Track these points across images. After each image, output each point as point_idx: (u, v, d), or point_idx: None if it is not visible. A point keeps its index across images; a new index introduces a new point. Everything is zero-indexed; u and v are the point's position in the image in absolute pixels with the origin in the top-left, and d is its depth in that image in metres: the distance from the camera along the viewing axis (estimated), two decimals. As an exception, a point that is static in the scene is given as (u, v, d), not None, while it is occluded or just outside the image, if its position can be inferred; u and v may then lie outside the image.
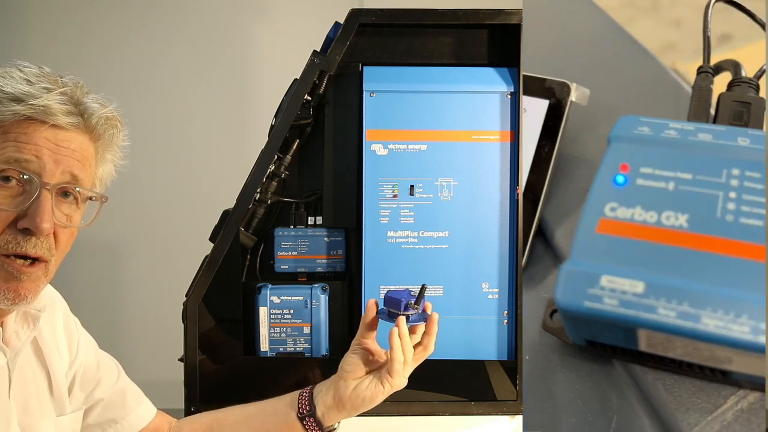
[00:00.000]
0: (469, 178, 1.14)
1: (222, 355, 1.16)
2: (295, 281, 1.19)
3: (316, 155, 1.19)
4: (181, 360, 1.15)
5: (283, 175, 1.18)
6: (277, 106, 1.16)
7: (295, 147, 1.18)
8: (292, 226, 1.20)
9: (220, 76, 1.93)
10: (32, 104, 0.72)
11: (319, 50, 1.14)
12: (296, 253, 1.19)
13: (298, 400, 0.92)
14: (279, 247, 1.18)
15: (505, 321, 1.14)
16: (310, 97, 1.15)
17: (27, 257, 0.73)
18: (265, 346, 1.16)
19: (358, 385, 0.90)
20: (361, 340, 0.91)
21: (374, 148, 1.14)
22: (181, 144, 1.93)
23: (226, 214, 1.15)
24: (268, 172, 1.17)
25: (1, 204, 0.71)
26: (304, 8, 1.93)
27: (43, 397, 0.84)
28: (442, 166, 1.14)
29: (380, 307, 0.91)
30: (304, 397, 0.92)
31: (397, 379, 0.89)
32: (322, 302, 1.17)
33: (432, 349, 0.91)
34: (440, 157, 1.14)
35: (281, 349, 1.17)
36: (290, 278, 1.19)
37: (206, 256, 1.15)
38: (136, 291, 1.94)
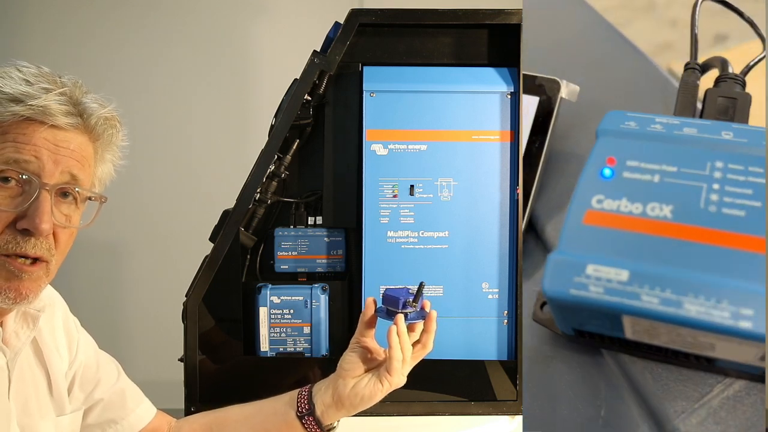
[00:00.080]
0: (469, 178, 1.14)
1: (222, 355, 1.16)
2: (295, 281, 1.19)
3: (316, 155, 1.19)
4: (181, 360, 1.15)
5: (283, 175, 1.18)
6: (277, 106, 1.16)
7: (295, 147, 1.18)
8: (292, 226, 1.20)
9: (220, 76, 1.93)
10: (31, 105, 0.72)
11: (319, 50, 1.14)
12: (296, 253, 1.19)
13: (297, 398, 0.92)
14: (279, 247, 1.18)
15: (505, 321, 1.14)
16: (310, 97, 1.15)
17: (27, 257, 0.73)
18: (265, 346, 1.16)
19: (357, 383, 0.90)
20: (360, 339, 0.91)
21: (374, 148, 1.14)
22: (181, 144, 1.93)
23: (226, 214, 1.15)
24: (268, 172, 1.17)
25: (0, 205, 0.71)
26: (304, 8, 1.93)
27: (43, 397, 0.84)
28: (442, 166, 1.14)
29: (378, 305, 0.91)
30: (303, 396, 0.92)
31: (396, 377, 0.89)
32: (322, 302, 1.17)
33: (431, 347, 0.91)
34: (440, 157, 1.14)
35: (281, 349, 1.17)
36: (290, 278, 1.19)
37: (206, 256, 1.15)
38: (136, 291, 1.94)
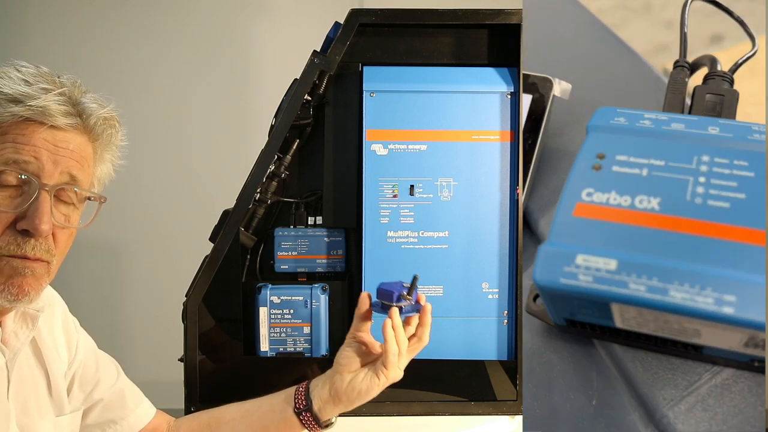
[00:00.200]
0: (469, 178, 1.14)
1: (222, 355, 1.16)
2: (295, 281, 1.19)
3: (316, 155, 1.19)
4: (181, 360, 1.15)
5: (283, 175, 1.18)
6: (277, 106, 1.16)
7: (295, 147, 1.18)
8: (292, 226, 1.20)
9: (220, 76, 1.93)
10: (30, 105, 0.71)
11: (319, 50, 1.14)
12: (296, 253, 1.19)
13: (295, 395, 0.92)
14: (279, 247, 1.18)
15: (505, 321, 1.14)
16: (310, 97, 1.15)
17: (27, 259, 0.73)
18: (265, 346, 1.16)
19: (354, 378, 0.90)
20: (356, 333, 0.91)
21: (374, 148, 1.14)
22: (181, 144, 1.92)
23: (226, 214, 1.15)
24: (268, 172, 1.17)
25: (0, 205, 0.71)
26: (304, 8, 1.93)
27: (42, 397, 0.84)
28: (442, 166, 1.14)
29: (373, 299, 0.91)
30: (300, 393, 0.92)
31: (392, 371, 0.88)
32: (322, 302, 1.17)
33: (427, 340, 0.91)
34: (440, 157, 1.14)
35: (281, 349, 1.17)
36: (290, 278, 1.19)
37: (206, 256, 1.15)
38: (136, 291, 1.94)
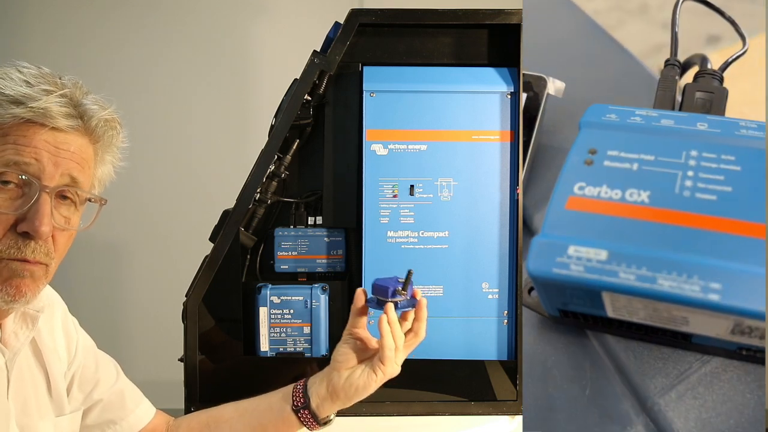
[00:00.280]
0: (469, 178, 1.14)
1: (222, 355, 1.16)
2: (295, 281, 1.19)
3: (316, 155, 1.19)
4: (181, 360, 1.15)
5: (283, 175, 1.18)
6: (277, 106, 1.16)
7: (295, 147, 1.18)
8: (292, 226, 1.20)
9: (220, 76, 1.93)
10: (32, 107, 0.71)
11: (319, 50, 1.14)
12: (296, 253, 1.19)
13: (292, 393, 0.92)
14: (279, 247, 1.18)
15: (505, 321, 1.14)
16: (310, 97, 1.15)
17: (26, 262, 0.73)
18: (265, 346, 1.16)
19: (351, 374, 0.90)
20: (352, 330, 0.91)
21: (374, 148, 1.14)
22: (181, 144, 1.92)
23: (226, 214, 1.15)
24: (268, 172, 1.17)
25: (0, 207, 0.71)
26: (304, 8, 1.93)
27: (42, 397, 0.84)
28: (442, 166, 1.14)
29: (369, 295, 0.91)
30: (298, 390, 0.92)
31: (389, 366, 0.88)
32: (322, 302, 1.17)
33: (423, 335, 0.90)
34: (440, 157, 1.14)
35: (281, 349, 1.17)
36: (290, 278, 1.19)
37: (206, 256, 1.15)
38: (136, 291, 1.94)
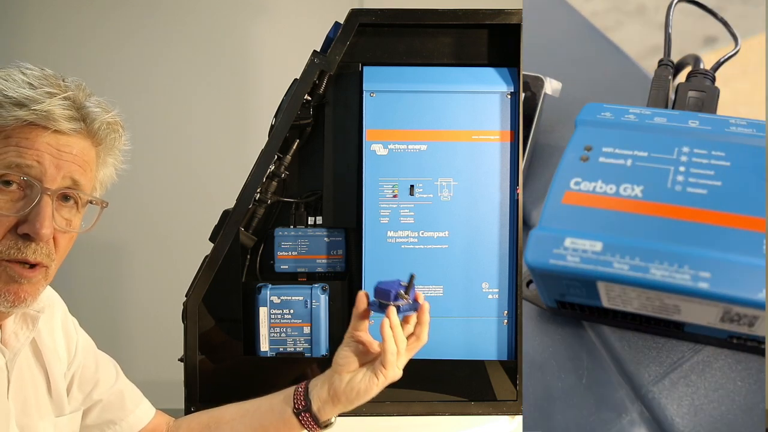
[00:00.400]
0: (469, 178, 1.14)
1: (222, 355, 1.16)
2: (295, 281, 1.19)
3: (316, 155, 1.19)
4: (181, 360, 1.15)
5: (283, 175, 1.18)
6: (277, 106, 1.16)
7: (295, 147, 1.18)
8: (292, 226, 1.20)
9: (220, 76, 1.93)
10: (35, 110, 0.71)
11: (319, 50, 1.14)
12: (296, 253, 1.19)
13: (294, 395, 0.92)
14: (279, 247, 1.18)
15: (505, 321, 1.14)
16: (310, 97, 1.15)
17: (27, 263, 0.73)
18: (265, 346, 1.16)
19: (353, 378, 0.90)
20: (354, 333, 0.91)
21: (374, 148, 1.14)
22: (181, 144, 1.93)
23: (226, 214, 1.15)
24: (268, 172, 1.17)
25: (1, 209, 0.71)
26: (304, 8, 1.93)
27: (42, 397, 0.84)
28: (442, 166, 1.14)
29: (371, 298, 0.91)
30: (299, 393, 0.92)
31: (391, 370, 0.88)
32: (322, 302, 1.17)
33: (425, 339, 0.90)
34: (440, 157, 1.14)
35: (281, 349, 1.17)
36: (290, 278, 1.19)
37: (206, 256, 1.15)
38: (136, 291, 1.94)
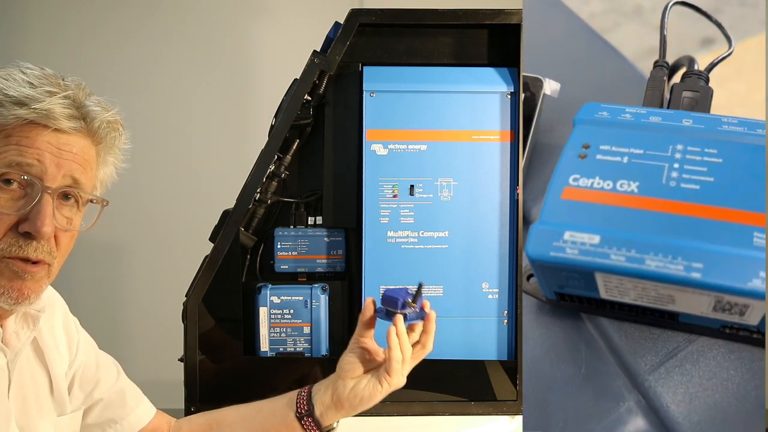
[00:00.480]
0: (469, 178, 1.14)
1: (222, 355, 1.16)
2: (295, 281, 1.19)
3: (316, 155, 1.19)
4: (181, 360, 1.15)
5: (283, 175, 1.18)
6: (277, 106, 1.16)
7: (295, 147, 1.18)
8: (292, 226, 1.20)
9: (220, 76, 1.93)
10: (35, 108, 0.71)
11: (319, 50, 1.14)
12: (296, 253, 1.19)
13: (296, 399, 0.92)
14: (279, 247, 1.18)
15: (505, 321, 1.14)
16: (310, 97, 1.15)
17: (29, 260, 0.73)
18: (265, 346, 1.16)
19: (357, 384, 0.90)
20: (359, 339, 0.91)
21: (374, 148, 1.14)
22: (181, 144, 1.93)
23: (226, 214, 1.15)
24: (268, 172, 1.17)
25: (2, 207, 0.71)
26: (304, 8, 1.93)
27: (44, 397, 0.84)
28: (442, 166, 1.14)
29: (378, 305, 0.91)
30: (302, 397, 0.92)
31: (396, 378, 0.88)
32: (322, 302, 1.17)
33: (430, 348, 0.91)
34: (440, 157, 1.14)
35: (281, 349, 1.17)
36: (290, 278, 1.19)
37: (206, 256, 1.15)
38: (136, 291, 1.94)
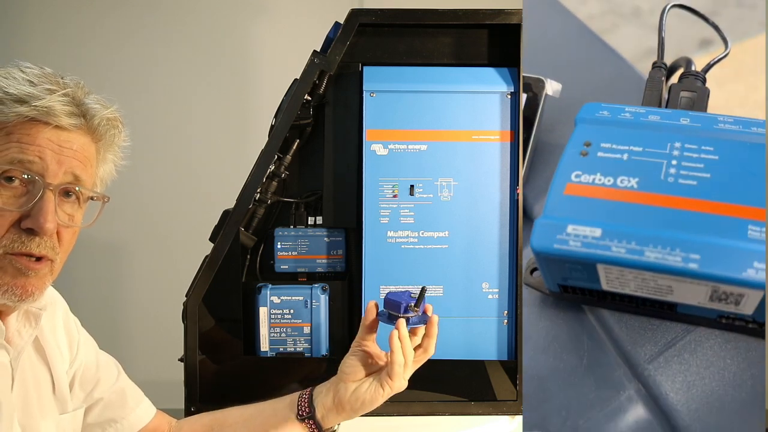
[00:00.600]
0: (469, 178, 1.14)
1: (222, 355, 1.16)
2: (295, 281, 1.19)
3: (316, 155, 1.19)
4: (181, 360, 1.15)
5: (283, 175, 1.18)
6: (277, 106, 1.16)
7: (295, 147, 1.18)
8: (292, 226, 1.20)
9: (220, 76, 1.93)
10: (36, 105, 0.72)
11: (319, 50, 1.14)
12: (296, 253, 1.19)
13: (298, 401, 0.92)
14: (279, 247, 1.18)
15: (505, 321, 1.15)
16: (310, 97, 1.15)
17: (32, 256, 0.73)
18: (265, 346, 1.16)
19: (358, 387, 0.90)
20: (361, 343, 0.91)
21: (374, 148, 1.14)
22: (181, 144, 1.92)
23: (226, 214, 1.15)
24: (268, 172, 1.17)
25: (5, 204, 0.72)
26: (304, 8, 1.93)
27: (46, 395, 0.84)
28: (442, 166, 1.14)
29: (380, 309, 0.91)
30: (303, 399, 0.92)
31: (397, 381, 0.88)
32: (322, 302, 1.17)
33: (432, 352, 0.91)
34: (440, 157, 1.14)
35: (281, 349, 1.17)
36: (290, 278, 1.19)
37: (206, 256, 1.15)
38: (136, 291, 1.94)
